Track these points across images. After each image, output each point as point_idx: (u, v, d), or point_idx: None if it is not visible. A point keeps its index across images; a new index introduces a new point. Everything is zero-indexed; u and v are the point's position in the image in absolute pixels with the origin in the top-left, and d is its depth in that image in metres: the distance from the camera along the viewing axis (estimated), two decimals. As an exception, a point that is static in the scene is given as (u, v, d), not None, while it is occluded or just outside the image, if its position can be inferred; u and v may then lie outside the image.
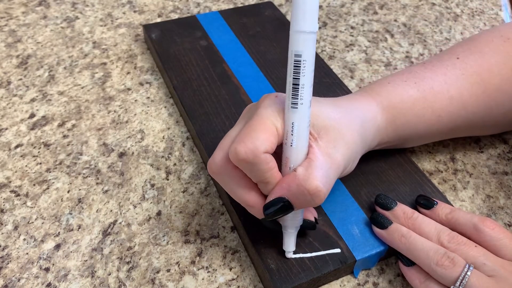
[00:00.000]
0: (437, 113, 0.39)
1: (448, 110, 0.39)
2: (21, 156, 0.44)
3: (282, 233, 0.34)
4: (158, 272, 0.36)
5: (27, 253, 0.37)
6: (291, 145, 0.30)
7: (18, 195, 0.41)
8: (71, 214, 0.40)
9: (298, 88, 0.29)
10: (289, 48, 0.29)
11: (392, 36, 0.60)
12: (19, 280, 0.36)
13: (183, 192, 0.42)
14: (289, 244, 0.34)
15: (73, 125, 0.47)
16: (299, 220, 0.33)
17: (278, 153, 0.32)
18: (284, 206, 0.30)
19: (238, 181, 0.31)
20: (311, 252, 0.35)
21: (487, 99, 0.39)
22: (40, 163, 0.44)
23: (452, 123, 0.40)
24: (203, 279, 0.36)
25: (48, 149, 0.45)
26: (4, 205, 0.40)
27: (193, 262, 0.37)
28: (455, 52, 0.41)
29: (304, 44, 0.28)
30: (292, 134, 0.30)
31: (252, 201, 0.32)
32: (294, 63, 0.29)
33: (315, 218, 0.35)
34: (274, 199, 0.30)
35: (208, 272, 0.36)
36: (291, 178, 0.30)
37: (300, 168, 0.30)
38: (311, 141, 0.31)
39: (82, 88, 0.52)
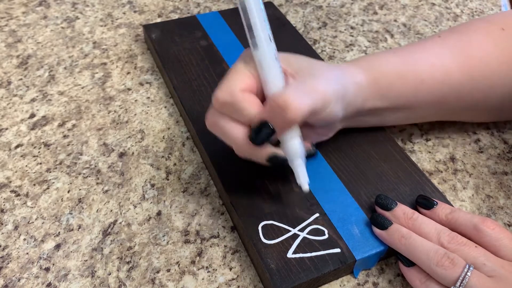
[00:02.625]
0: (420, 76, 0.39)
1: (431, 74, 0.40)
2: (21, 156, 0.44)
3: (293, 171, 0.35)
4: (158, 272, 0.36)
5: (27, 253, 0.37)
6: (266, 81, 0.33)
7: (18, 195, 0.41)
8: (71, 214, 0.40)
9: (252, 28, 0.32)
10: None
11: (392, 36, 0.60)
12: (19, 280, 0.36)
13: (183, 192, 0.42)
14: (302, 176, 0.35)
15: (73, 125, 0.47)
16: (301, 148, 0.34)
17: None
18: (264, 128, 0.32)
19: (229, 123, 0.33)
20: (311, 252, 0.35)
21: (471, 69, 0.40)
22: (40, 163, 0.44)
23: (438, 90, 0.40)
24: (203, 279, 0.36)
25: (48, 149, 0.45)
26: (4, 205, 0.40)
27: (193, 262, 0.37)
28: (438, 34, 0.43)
29: None
30: (262, 69, 0.33)
31: (243, 136, 0.33)
32: (240, 7, 0.32)
33: (311, 144, 0.38)
34: (255, 123, 0.32)
35: (208, 272, 0.36)
36: (267, 101, 0.32)
37: (276, 91, 0.33)
38: (288, 77, 0.34)
39: (82, 88, 0.52)
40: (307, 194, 0.38)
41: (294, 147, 0.34)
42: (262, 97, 0.34)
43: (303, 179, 0.35)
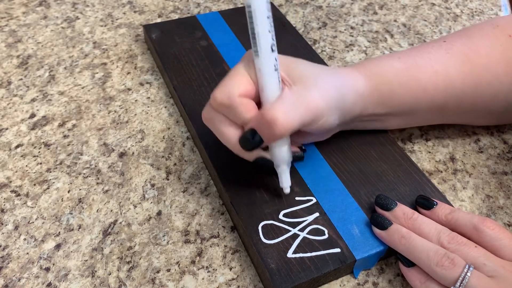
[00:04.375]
0: (422, 85, 0.39)
1: (434, 83, 0.39)
2: (22, 156, 0.44)
3: (277, 173, 0.37)
4: (158, 272, 0.36)
5: (27, 253, 0.37)
6: (262, 89, 0.33)
7: (19, 195, 0.41)
8: (71, 214, 0.40)
9: (255, 37, 0.32)
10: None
11: (392, 36, 0.60)
12: (19, 280, 0.36)
13: (183, 192, 0.42)
14: (284, 180, 0.36)
15: (74, 125, 0.47)
16: (288, 155, 0.36)
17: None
18: (254, 137, 0.33)
19: (224, 123, 0.34)
20: (311, 252, 0.35)
21: (475, 78, 0.40)
22: (41, 163, 0.44)
23: (440, 99, 0.40)
24: (203, 279, 0.36)
25: (48, 149, 0.45)
26: (4, 205, 0.40)
27: (193, 262, 0.37)
28: (443, 37, 0.42)
29: None
30: (260, 78, 0.33)
31: (235, 137, 0.34)
32: (248, 15, 0.31)
33: (300, 147, 0.38)
34: (246, 131, 0.33)
35: (208, 272, 0.36)
36: (259, 111, 0.33)
37: (268, 103, 0.33)
38: (286, 85, 0.34)
39: (82, 88, 0.52)
40: (308, 193, 0.39)
41: (281, 154, 0.35)
42: (260, 102, 0.34)
43: (285, 184, 0.37)
